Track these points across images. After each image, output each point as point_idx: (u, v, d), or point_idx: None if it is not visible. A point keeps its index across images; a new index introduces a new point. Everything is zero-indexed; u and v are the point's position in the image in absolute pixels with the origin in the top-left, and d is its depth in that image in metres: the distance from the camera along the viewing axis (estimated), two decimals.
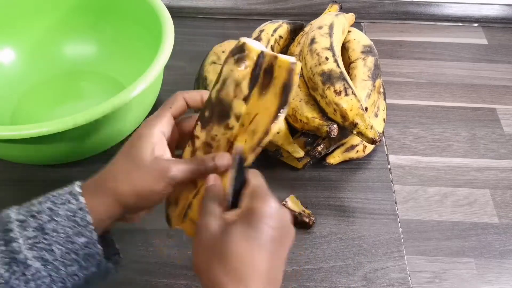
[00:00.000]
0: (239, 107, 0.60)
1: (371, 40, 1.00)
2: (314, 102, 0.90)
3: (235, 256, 0.52)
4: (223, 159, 0.61)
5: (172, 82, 1.02)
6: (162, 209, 0.87)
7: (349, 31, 1.01)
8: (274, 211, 0.55)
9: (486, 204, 0.92)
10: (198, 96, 0.64)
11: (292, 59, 0.58)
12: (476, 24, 1.27)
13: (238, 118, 0.60)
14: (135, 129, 0.94)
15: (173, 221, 0.66)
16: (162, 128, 0.62)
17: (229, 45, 1.08)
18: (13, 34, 1.06)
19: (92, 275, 0.60)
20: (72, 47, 1.09)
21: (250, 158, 0.60)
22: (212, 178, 0.61)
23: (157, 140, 0.61)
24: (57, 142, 0.82)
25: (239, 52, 0.59)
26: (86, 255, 0.58)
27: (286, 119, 0.91)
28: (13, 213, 0.57)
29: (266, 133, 0.59)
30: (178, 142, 0.66)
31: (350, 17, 1.04)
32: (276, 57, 0.58)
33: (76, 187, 0.60)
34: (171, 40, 0.89)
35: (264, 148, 0.94)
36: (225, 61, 0.60)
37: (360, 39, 0.98)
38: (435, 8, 1.26)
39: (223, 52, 1.05)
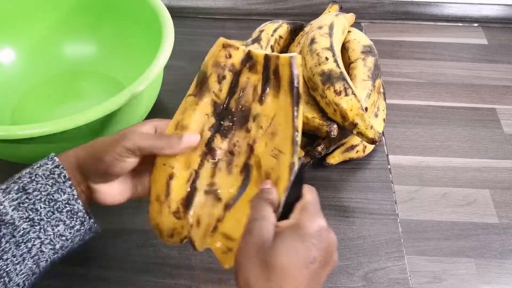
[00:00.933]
0: (257, 108, 0.62)
1: (371, 40, 1.00)
2: (314, 102, 0.90)
3: (279, 267, 0.52)
4: (192, 137, 0.63)
5: (172, 82, 1.02)
6: None
7: (349, 31, 1.01)
8: (322, 231, 0.55)
9: (486, 204, 0.92)
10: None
11: (291, 54, 0.59)
12: (476, 24, 1.27)
13: (255, 119, 0.62)
14: None
15: (198, 241, 0.65)
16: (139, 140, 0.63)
17: None
18: (13, 34, 1.05)
19: (77, 234, 0.63)
20: (72, 47, 1.09)
21: (295, 158, 0.60)
22: (269, 183, 0.61)
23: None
24: (57, 142, 0.82)
25: (248, 60, 0.62)
26: (69, 212, 0.61)
27: None
28: None
29: (296, 129, 0.60)
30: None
31: (350, 17, 1.04)
32: (278, 57, 0.60)
33: (53, 156, 0.63)
34: (171, 40, 0.88)
35: None
36: (238, 73, 0.63)
37: (360, 39, 0.98)
38: (435, 8, 1.25)
39: None
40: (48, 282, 0.79)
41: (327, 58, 0.88)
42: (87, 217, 0.63)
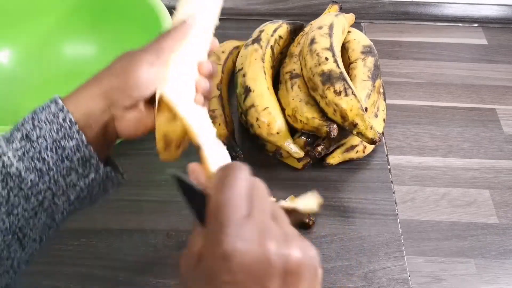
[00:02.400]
0: None
1: (371, 40, 1.00)
2: (314, 102, 0.90)
3: None
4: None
5: None
6: (161, 210, 0.88)
7: (349, 32, 1.01)
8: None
9: (485, 204, 0.92)
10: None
11: None
12: (476, 25, 1.27)
13: None
14: None
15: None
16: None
17: (229, 45, 1.08)
18: (13, 35, 1.05)
19: (93, 184, 0.59)
20: (72, 47, 1.09)
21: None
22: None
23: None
24: None
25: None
26: (80, 160, 0.57)
27: (286, 119, 0.91)
28: None
29: None
30: None
31: (350, 17, 1.04)
32: None
33: (56, 96, 0.59)
34: None
35: (264, 149, 0.94)
36: None
37: (360, 40, 0.99)
38: (435, 9, 1.25)
39: (222, 52, 1.06)
40: (48, 282, 0.80)
41: (327, 58, 0.88)
42: (102, 164, 0.59)
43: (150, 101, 0.63)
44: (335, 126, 0.86)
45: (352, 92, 0.85)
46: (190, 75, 0.65)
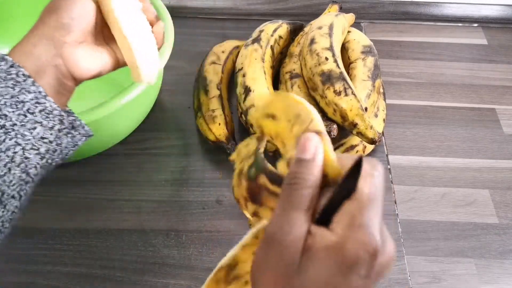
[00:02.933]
0: None
1: (371, 40, 1.00)
2: (314, 102, 0.90)
3: None
4: None
5: (172, 82, 1.03)
6: (160, 210, 0.88)
7: (348, 31, 1.01)
8: (376, 257, 0.39)
9: (485, 204, 0.92)
10: None
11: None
12: (475, 25, 1.27)
13: None
14: (134, 129, 0.95)
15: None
16: None
17: (229, 45, 1.08)
18: (10, 35, 1.05)
19: (60, 135, 0.59)
20: None
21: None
22: (310, 151, 0.43)
23: None
24: None
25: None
26: (42, 112, 0.57)
27: None
28: None
29: None
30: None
31: (350, 17, 1.04)
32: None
33: (3, 55, 0.58)
34: (171, 40, 0.89)
35: (265, 149, 0.94)
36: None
37: (359, 39, 0.99)
38: (435, 9, 1.25)
39: (222, 52, 1.06)
40: (48, 282, 0.80)
41: (327, 58, 0.88)
42: (65, 114, 0.59)
43: (103, 33, 0.63)
44: (335, 126, 0.86)
45: (352, 92, 0.85)
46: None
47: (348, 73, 0.94)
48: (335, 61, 0.88)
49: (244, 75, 0.94)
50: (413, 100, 1.09)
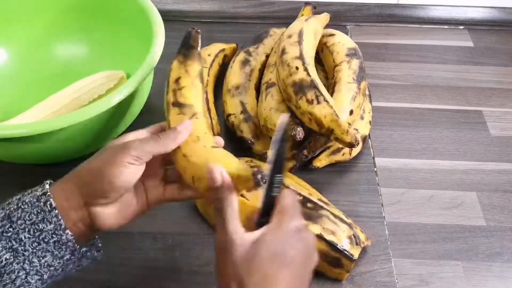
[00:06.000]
0: None
1: (357, 43, 1.00)
2: (287, 109, 0.89)
3: (261, 272, 0.54)
4: (185, 126, 0.64)
5: (160, 85, 1.02)
6: (148, 213, 0.87)
7: (333, 34, 1.01)
8: (299, 232, 0.58)
9: (472, 206, 0.92)
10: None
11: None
12: (461, 27, 1.27)
13: None
14: (124, 131, 0.94)
15: None
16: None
17: (215, 48, 1.08)
18: (5, 35, 1.06)
19: (67, 263, 0.60)
20: (64, 48, 1.10)
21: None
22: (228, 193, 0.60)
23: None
24: (49, 141, 0.83)
25: None
26: (56, 243, 0.58)
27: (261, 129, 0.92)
28: None
29: None
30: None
31: (324, 18, 1.03)
32: None
33: (46, 182, 0.60)
34: (161, 42, 0.90)
35: (251, 151, 0.94)
36: None
37: (344, 42, 0.98)
38: (421, 11, 1.26)
39: (208, 55, 1.05)
40: None
41: (297, 68, 0.88)
42: (78, 247, 0.60)
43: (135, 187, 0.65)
44: (299, 128, 0.85)
45: (324, 99, 0.84)
46: None
47: (333, 75, 0.94)
48: (306, 69, 0.88)
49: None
50: (399, 103, 1.09)
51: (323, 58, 1.01)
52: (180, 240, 0.85)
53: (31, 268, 0.57)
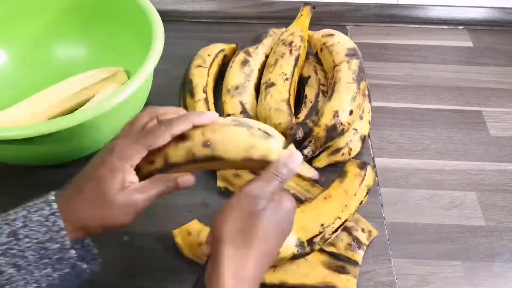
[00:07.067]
0: None
1: (357, 43, 1.00)
2: (285, 107, 0.89)
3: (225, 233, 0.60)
4: (186, 179, 0.65)
5: (160, 85, 1.02)
6: (147, 213, 0.86)
7: (333, 34, 1.01)
8: (261, 187, 0.63)
9: (472, 206, 0.92)
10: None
11: None
12: (461, 27, 1.27)
13: None
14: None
15: None
16: (134, 162, 0.63)
17: (215, 48, 1.08)
18: (4, 37, 1.06)
19: (67, 277, 0.61)
20: (63, 49, 1.10)
21: None
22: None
23: (127, 173, 0.62)
24: (48, 143, 0.83)
25: None
26: (59, 259, 0.59)
27: None
28: None
29: None
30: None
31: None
32: None
33: (51, 195, 0.61)
34: (160, 43, 0.89)
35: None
36: None
37: (344, 42, 0.98)
38: (421, 11, 1.26)
39: (208, 55, 1.05)
40: None
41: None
42: (79, 263, 0.61)
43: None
44: (298, 129, 0.86)
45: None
46: None
47: (333, 75, 0.94)
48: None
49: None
50: (399, 103, 1.09)
51: (322, 58, 1.01)
52: None
53: (31, 277, 0.58)
